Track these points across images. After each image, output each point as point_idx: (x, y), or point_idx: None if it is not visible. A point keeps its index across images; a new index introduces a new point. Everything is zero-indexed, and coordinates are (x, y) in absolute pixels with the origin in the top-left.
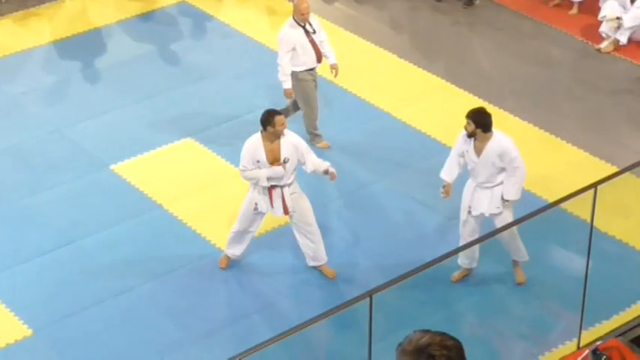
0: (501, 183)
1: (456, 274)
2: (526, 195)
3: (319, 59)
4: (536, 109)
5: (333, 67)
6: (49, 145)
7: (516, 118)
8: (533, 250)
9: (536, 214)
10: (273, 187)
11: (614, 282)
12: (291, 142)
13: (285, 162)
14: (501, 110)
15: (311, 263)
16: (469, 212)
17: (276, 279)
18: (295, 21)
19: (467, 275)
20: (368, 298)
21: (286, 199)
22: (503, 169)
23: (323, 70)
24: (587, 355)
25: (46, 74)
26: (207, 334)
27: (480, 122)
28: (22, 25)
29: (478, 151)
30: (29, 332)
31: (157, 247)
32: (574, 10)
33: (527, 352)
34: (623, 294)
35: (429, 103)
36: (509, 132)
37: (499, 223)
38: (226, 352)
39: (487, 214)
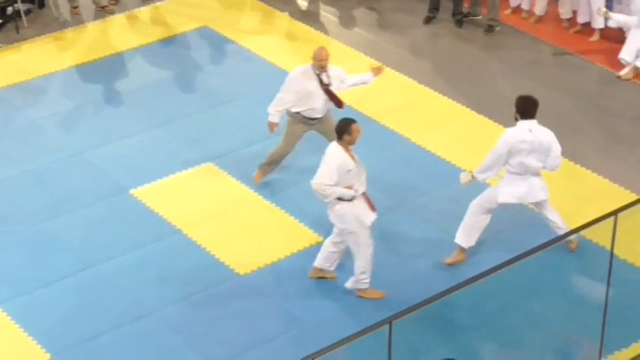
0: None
1: (450, 258)
2: (545, 223)
3: (339, 105)
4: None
5: (376, 71)
6: (69, 169)
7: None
8: (552, 278)
9: (556, 241)
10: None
11: (634, 310)
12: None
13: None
14: None
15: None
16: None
17: (295, 304)
18: (312, 69)
19: (461, 262)
20: (388, 325)
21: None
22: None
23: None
24: None
25: (67, 98)
26: None
27: (517, 105)
28: (44, 50)
29: None
30: (47, 357)
31: (176, 271)
32: (595, 37)
33: None
34: None
35: (449, 129)
36: None
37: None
38: None
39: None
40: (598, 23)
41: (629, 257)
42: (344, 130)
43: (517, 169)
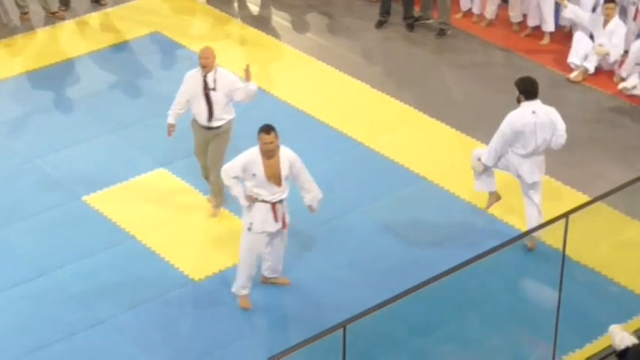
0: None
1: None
2: (498, 224)
3: (210, 117)
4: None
5: (248, 74)
6: (20, 176)
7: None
8: (505, 280)
9: (509, 244)
10: (274, 203)
11: (587, 311)
12: (288, 158)
13: (286, 179)
14: (473, 140)
15: (267, 274)
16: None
17: (251, 309)
18: (203, 70)
19: (497, 201)
20: (342, 329)
21: (285, 213)
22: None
23: (299, 102)
24: None
25: (18, 105)
26: None
27: (519, 87)
28: None
29: None
30: None
31: (130, 278)
32: (545, 40)
33: None
34: (596, 323)
35: (402, 132)
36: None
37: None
38: None
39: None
40: (548, 27)
41: (581, 259)
42: (258, 137)
43: (522, 151)
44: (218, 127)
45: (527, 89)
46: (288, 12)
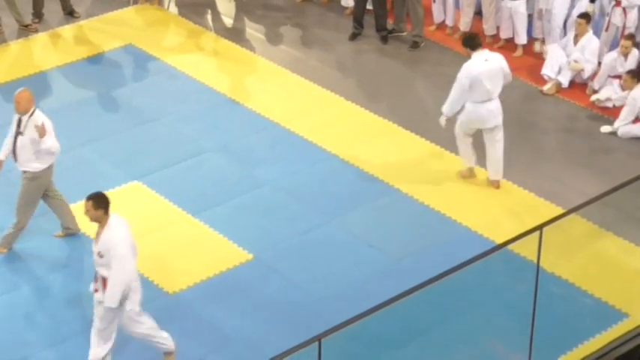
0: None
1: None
2: (472, 236)
3: (15, 160)
4: (480, 151)
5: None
6: None
7: (461, 160)
8: (479, 292)
9: (483, 256)
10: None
11: (561, 322)
12: (109, 238)
13: (100, 256)
14: (446, 151)
15: None
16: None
17: (226, 322)
18: None
19: (473, 178)
20: (317, 343)
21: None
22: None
23: (272, 114)
24: None
25: None
26: None
27: (466, 44)
28: None
29: None
30: None
31: None
32: (518, 52)
33: None
34: (570, 334)
35: (375, 144)
36: (453, 172)
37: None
38: None
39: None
40: (520, 39)
41: (555, 270)
42: None
43: (479, 98)
44: (24, 172)
45: (471, 42)
46: (262, 24)
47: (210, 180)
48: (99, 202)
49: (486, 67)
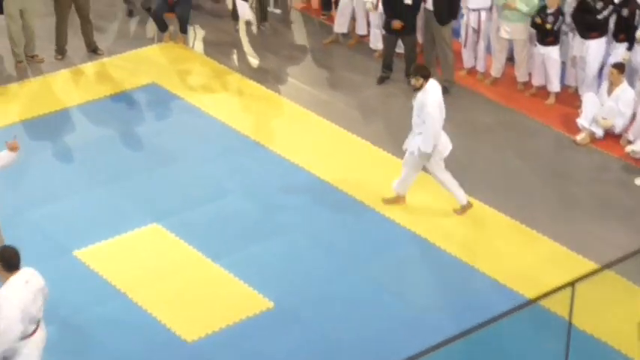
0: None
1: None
2: (502, 289)
3: None
4: (511, 201)
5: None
6: (9, 229)
7: (492, 209)
8: (510, 347)
9: (513, 311)
10: None
11: None
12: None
13: None
14: (476, 200)
15: None
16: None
17: None
18: None
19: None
20: None
21: None
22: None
23: (296, 157)
24: None
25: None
26: None
27: (421, 73)
28: None
29: None
30: None
31: (120, 336)
32: (551, 100)
33: None
34: None
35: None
36: (484, 223)
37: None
38: None
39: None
40: (553, 86)
41: (587, 328)
42: None
43: (440, 125)
44: None
45: (425, 71)
46: (288, 65)
47: (232, 224)
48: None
49: (440, 93)
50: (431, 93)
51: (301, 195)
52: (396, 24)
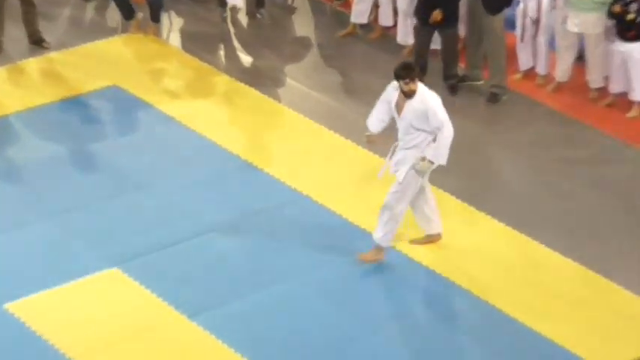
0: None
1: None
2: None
3: None
4: (580, 243)
5: None
6: None
7: (556, 253)
8: None
9: None
10: None
11: None
12: None
13: None
14: (536, 242)
15: None
16: None
17: None
18: None
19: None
20: None
21: None
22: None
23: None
24: None
25: None
26: None
27: (414, 75)
28: None
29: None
30: None
31: None
32: (633, 112)
33: None
34: None
35: (446, 227)
36: (544, 270)
37: None
38: None
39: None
40: (637, 94)
41: None
42: None
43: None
44: None
45: (417, 71)
46: (291, 65)
47: (214, 270)
48: None
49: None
50: (430, 96)
51: (305, 233)
52: (437, 14)
